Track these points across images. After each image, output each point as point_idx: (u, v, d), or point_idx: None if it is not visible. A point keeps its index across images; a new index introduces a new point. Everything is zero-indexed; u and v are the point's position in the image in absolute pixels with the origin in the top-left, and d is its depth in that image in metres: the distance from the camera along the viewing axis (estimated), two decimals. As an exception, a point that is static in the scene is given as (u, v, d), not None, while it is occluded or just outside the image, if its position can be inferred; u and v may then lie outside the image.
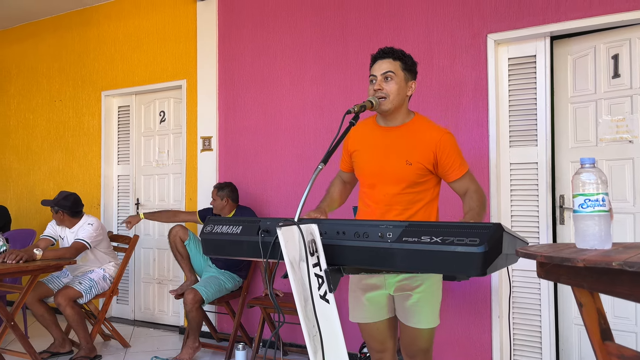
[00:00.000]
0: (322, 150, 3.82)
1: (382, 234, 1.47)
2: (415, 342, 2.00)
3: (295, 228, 1.45)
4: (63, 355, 3.74)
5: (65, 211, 3.78)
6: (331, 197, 2.21)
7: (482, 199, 1.94)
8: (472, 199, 1.92)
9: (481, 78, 3.28)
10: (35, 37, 5.45)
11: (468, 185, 1.99)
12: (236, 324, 3.78)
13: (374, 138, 2.05)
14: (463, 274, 1.34)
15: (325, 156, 1.67)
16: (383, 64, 1.97)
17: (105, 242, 3.96)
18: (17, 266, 3.04)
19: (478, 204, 1.90)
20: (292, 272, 1.43)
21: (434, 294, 1.99)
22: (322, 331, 1.46)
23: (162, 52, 4.61)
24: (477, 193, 1.95)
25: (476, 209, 1.87)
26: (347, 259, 1.52)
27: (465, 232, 1.35)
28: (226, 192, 3.73)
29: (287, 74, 3.99)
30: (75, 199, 3.86)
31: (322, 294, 1.49)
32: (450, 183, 2.01)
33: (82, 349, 3.62)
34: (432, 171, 1.98)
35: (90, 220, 3.86)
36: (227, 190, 3.73)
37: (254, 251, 1.65)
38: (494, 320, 3.19)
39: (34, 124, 5.45)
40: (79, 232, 3.78)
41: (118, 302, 4.90)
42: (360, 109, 1.84)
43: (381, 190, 2.00)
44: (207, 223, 1.80)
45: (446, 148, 1.95)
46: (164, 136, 4.75)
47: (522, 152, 3.22)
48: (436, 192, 2.06)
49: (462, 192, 2.00)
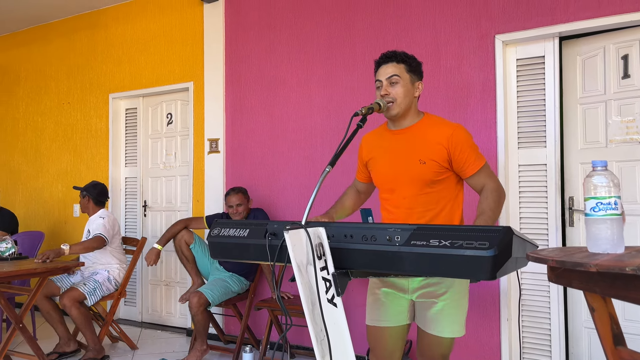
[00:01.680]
0: (329, 152, 3.81)
1: (390, 237, 1.45)
2: (435, 350, 1.96)
3: (303, 231, 1.44)
4: (69, 355, 3.75)
5: (90, 197, 3.94)
6: (342, 204, 2.20)
7: (497, 199, 1.87)
8: (486, 200, 1.87)
9: (489, 79, 3.26)
10: (43, 40, 5.49)
11: (485, 181, 1.93)
12: (243, 327, 3.78)
13: (386, 143, 2.04)
14: (472, 278, 1.33)
15: (333, 159, 1.67)
16: (387, 68, 1.96)
17: (117, 240, 3.99)
18: (26, 268, 3.05)
19: (492, 206, 1.84)
20: (300, 276, 1.42)
21: (461, 302, 1.96)
22: (329, 335, 1.44)
23: (169, 55, 4.63)
24: (493, 192, 1.89)
25: (488, 213, 1.82)
26: (355, 262, 1.51)
27: (475, 235, 1.34)
28: (248, 196, 3.78)
29: (293, 75, 3.99)
30: (103, 189, 4.04)
31: (330, 298, 1.48)
32: (467, 179, 1.97)
33: (90, 350, 3.62)
34: (448, 168, 1.94)
35: (102, 213, 3.94)
36: (248, 195, 3.79)
37: (261, 254, 1.65)
38: (503, 323, 3.16)
39: (42, 126, 5.48)
40: (92, 225, 3.85)
41: (126, 304, 4.91)
42: (368, 111, 1.83)
43: (400, 193, 1.98)
44: (215, 226, 1.80)
45: (459, 143, 1.91)
46: (171, 138, 4.76)
47: (531, 154, 3.19)
48: (458, 191, 2.01)
49: (479, 189, 1.95)
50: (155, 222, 4.82)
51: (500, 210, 1.90)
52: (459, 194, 2.03)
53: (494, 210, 1.85)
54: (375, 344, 2.05)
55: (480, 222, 1.82)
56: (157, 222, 4.81)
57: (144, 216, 4.88)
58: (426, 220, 1.95)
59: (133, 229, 4.94)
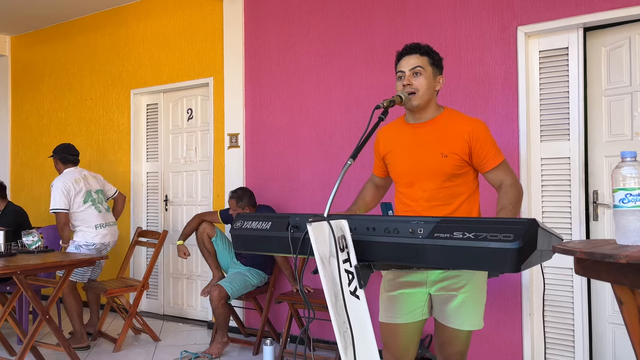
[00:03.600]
0: (348, 147, 3.81)
1: (412, 229, 1.45)
2: (454, 343, 1.96)
3: (325, 224, 1.44)
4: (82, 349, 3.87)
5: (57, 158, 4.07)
6: (363, 199, 2.20)
7: (517, 194, 1.88)
8: (506, 195, 1.87)
9: (511, 72, 3.22)
10: (66, 38, 5.57)
11: (503, 177, 1.93)
12: (263, 320, 3.81)
13: (405, 136, 2.03)
14: (496, 270, 1.32)
15: (355, 152, 1.66)
16: (411, 59, 1.95)
17: (78, 200, 3.90)
18: (52, 261, 3.12)
19: (512, 200, 1.84)
20: (323, 268, 1.43)
21: (480, 295, 1.95)
22: (352, 327, 1.45)
23: (189, 50, 4.66)
24: (512, 188, 1.90)
25: (509, 208, 1.81)
26: (378, 255, 1.51)
27: (499, 227, 1.33)
28: (246, 201, 3.70)
29: (312, 70, 3.99)
30: (66, 146, 4.10)
31: (353, 290, 1.49)
32: (485, 174, 1.97)
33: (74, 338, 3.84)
34: (468, 162, 1.95)
35: (54, 182, 3.93)
36: (246, 199, 3.70)
37: (283, 247, 1.65)
38: (525, 318, 3.13)
39: (66, 122, 5.58)
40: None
41: (148, 297, 4.98)
42: (390, 104, 1.82)
43: (420, 187, 1.97)
44: (237, 219, 1.81)
45: (480, 137, 1.91)
46: (191, 133, 4.80)
47: (554, 147, 3.14)
48: (476, 185, 2.02)
49: (497, 184, 1.95)
50: (176, 217, 4.88)
51: (520, 205, 1.90)
52: (476, 189, 2.03)
53: (515, 206, 1.85)
54: (389, 341, 2.02)
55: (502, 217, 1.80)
56: (178, 216, 4.87)
57: (165, 210, 4.94)
58: (445, 214, 1.94)
59: (154, 223, 5.01)
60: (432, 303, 2.00)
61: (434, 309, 2.00)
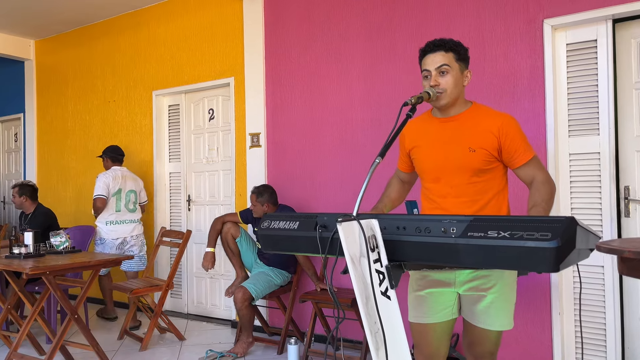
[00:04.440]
0: (370, 145, 3.78)
1: (445, 229, 1.42)
2: (484, 343, 1.93)
3: (355, 223, 1.42)
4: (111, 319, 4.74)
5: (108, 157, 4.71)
6: (389, 197, 2.17)
7: (549, 191, 1.83)
8: (538, 192, 1.83)
9: (537, 66, 3.15)
10: (89, 41, 5.65)
11: (534, 173, 1.89)
12: (287, 319, 3.81)
13: (432, 131, 1.99)
14: (534, 270, 1.28)
15: (383, 149, 1.64)
16: (436, 57, 1.91)
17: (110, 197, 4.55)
18: (80, 261, 3.16)
19: (545, 197, 1.80)
20: (353, 268, 1.41)
21: (509, 295, 1.92)
22: (384, 328, 1.43)
23: (210, 51, 4.68)
24: (544, 184, 1.85)
25: (542, 205, 1.76)
26: (409, 254, 1.48)
27: (536, 226, 1.29)
28: (266, 197, 3.68)
29: (333, 68, 3.97)
30: (115, 147, 4.77)
31: (383, 291, 1.47)
32: (516, 170, 1.92)
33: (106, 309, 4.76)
34: (497, 158, 1.90)
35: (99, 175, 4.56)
36: (266, 195, 3.68)
37: (311, 246, 1.64)
38: (554, 317, 3.07)
39: (90, 124, 5.65)
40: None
41: (172, 296, 5.02)
42: (418, 101, 1.79)
43: (447, 182, 1.94)
44: (264, 219, 1.80)
45: (510, 132, 1.87)
46: (213, 133, 4.82)
47: (583, 142, 3.07)
48: (505, 181, 1.97)
49: (528, 181, 1.90)
50: (199, 216, 4.91)
51: (553, 202, 1.84)
52: (505, 186, 1.99)
53: (548, 202, 1.80)
54: (420, 341, 2.00)
55: (534, 214, 1.76)
56: (201, 216, 4.90)
57: (188, 210, 4.97)
58: (473, 211, 1.90)
59: (178, 223, 5.05)
60: (461, 303, 1.96)
61: (463, 309, 1.97)
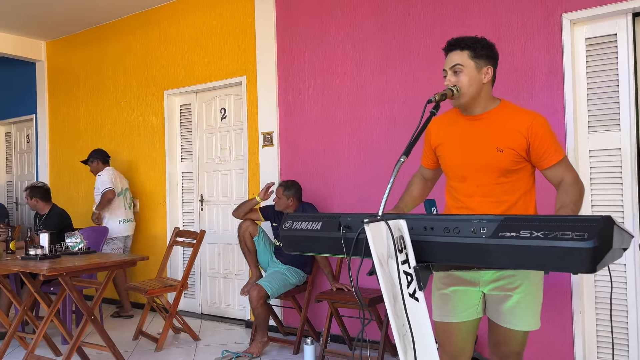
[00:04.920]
0: (384, 143, 3.74)
1: (475, 229, 1.39)
2: (510, 343, 1.90)
3: (383, 224, 1.39)
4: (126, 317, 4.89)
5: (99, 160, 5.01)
6: (410, 194, 2.12)
7: (578, 192, 1.79)
8: (566, 193, 1.78)
9: (556, 61, 3.10)
10: (100, 41, 5.65)
11: (563, 174, 1.85)
12: (302, 319, 3.79)
13: (459, 128, 1.96)
14: (569, 271, 1.25)
15: (407, 148, 1.60)
16: (452, 56, 1.89)
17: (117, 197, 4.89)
18: (96, 262, 3.16)
19: (574, 199, 1.75)
20: (381, 270, 1.38)
21: (536, 295, 1.88)
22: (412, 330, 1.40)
23: (222, 50, 4.66)
24: (573, 186, 1.81)
25: (570, 206, 1.72)
26: (437, 255, 1.45)
27: (571, 225, 1.25)
28: (293, 192, 3.71)
29: (346, 65, 3.93)
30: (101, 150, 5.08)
31: (412, 292, 1.43)
32: (544, 171, 1.88)
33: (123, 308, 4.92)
34: (525, 158, 1.86)
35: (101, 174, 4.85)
36: (293, 190, 3.71)
37: (335, 247, 1.61)
38: (576, 316, 3.02)
39: (101, 125, 5.66)
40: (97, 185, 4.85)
41: (185, 296, 5.01)
42: (442, 98, 1.76)
43: (473, 182, 1.91)
44: (286, 219, 1.78)
45: (539, 132, 1.83)
46: (225, 133, 4.81)
47: (603, 138, 3.02)
48: (532, 181, 1.94)
49: (556, 182, 1.86)
50: (212, 216, 4.90)
51: (581, 204, 1.80)
52: (533, 187, 1.95)
53: (576, 204, 1.76)
54: (444, 340, 1.98)
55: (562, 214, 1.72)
56: (213, 215, 4.88)
57: (201, 210, 4.96)
58: (500, 211, 1.87)
59: (191, 222, 5.04)
60: (486, 302, 1.93)
61: (488, 309, 1.94)
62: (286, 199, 3.69)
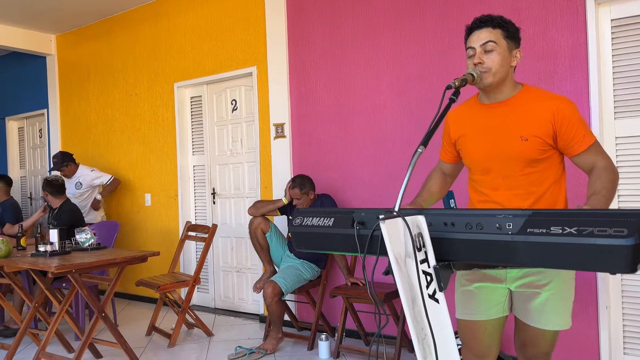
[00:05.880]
0: (400, 133, 3.63)
1: (500, 225, 1.28)
2: (539, 344, 1.79)
3: (400, 220, 1.29)
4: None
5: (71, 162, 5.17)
6: (429, 190, 2.00)
7: (612, 178, 1.66)
8: (599, 179, 1.65)
9: (579, 44, 2.95)
10: (109, 34, 5.58)
11: (595, 159, 1.72)
12: (317, 314, 3.71)
13: (479, 118, 1.83)
14: (606, 270, 1.13)
15: (425, 138, 1.50)
16: (482, 33, 1.75)
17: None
18: (106, 259, 3.10)
19: (607, 185, 1.63)
20: (398, 270, 1.28)
21: (567, 293, 1.78)
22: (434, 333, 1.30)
23: (231, 40, 4.56)
24: (606, 171, 1.68)
25: (603, 193, 1.59)
26: (459, 254, 1.35)
27: (607, 220, 1.14)
28: (308, 186, 3.63)
29: (359, 53, 3.81)
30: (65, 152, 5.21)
31: (431, 293, 1.33)
32: (573, 157, 1.76)
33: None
34: (552, 145, 1.74)
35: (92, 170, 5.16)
36: (308, 184, 3.63)
37: (348, 245, 1.52)
38: (601, 311, 2.89)
39: (112, 118, 5.61)
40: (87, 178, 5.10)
41: (199, 290, 4.97)
42: (462, 83, 1.64)
43: (499, 173, 1.79)
44: (297, 215, 1.68)
45: (566, 117, 1.70)
46: (236, 125, 4.72)
47: (631, 124, 2.87)
48: (562, 169, 1.81)
49: (588, 168, 1.74)
50: (224, 209, 4.83)
51: (615, 191, 1.68)
52: (562, 175, 1.82)
53: (610, 191, 1.63)
54: (469, 339, 1.88)
55: (594, 203, 1.59)
56: (226, 209, 4.82)
57: (213, 203, 4.90)
58: (529, 203, 1.75)
59: (203, 216, 4.98)
60: (513, 300, 1.82)
61: (515, 307, 1.83)
62: (307, 196, 3.61)
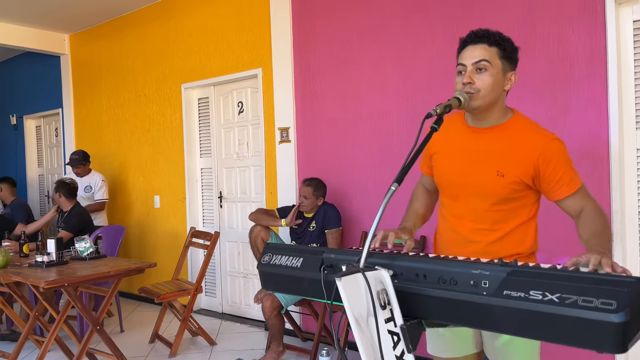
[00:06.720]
0: (405, 138, 3.45)
1: (475, 281, 1.12)
2: None
3: (360, 276, 1.15)
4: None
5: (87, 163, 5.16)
6: (415, 213, 1.84)
7: (606, 222, 1.50)
8: (592, 222, 1.48)
9: (598, 48, 2.72)
10: (119, 33, 5.53)
11: (583, 203, 1.55)
12: (319, 326, 3.59)
13: (459, 139, 1.66)
14: (591, 348, 0.97)
15: (400, 174, 1.36)
16: (475, 50, 1.55)
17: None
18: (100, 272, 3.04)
19: (603, 228, 1.45)
20: (359, 331, 1.14)
21: None
22: (399, 403, 1.16)
23: (237, 40, 4.44)
24: (599, 214, 1.50)
25: (604, 237, 1.41)
26: (429, 311, 1.20)
27: (594, 288, 0.97)
28: (322, 192, 3.55)
29: (365, 56, 3.64)
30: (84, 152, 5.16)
31: (399, 355, 1.19)
32: (558, 201, 1.58)
33: None
34: (530, 186, 1.57)
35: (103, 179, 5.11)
36: (323, 190, 3.55)
37: (316, 290, 1.38)
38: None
39: (123, 119, 5.57)
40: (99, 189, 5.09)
41: (207, 294, 4.92)
42: (445, 110, 1.45)
43: (465, 203, 1.64)
44: (266, 251, 1.55)
45: (553, 158, 1.52)
46: (243, 127, 4.61)
47: (653, 136, 2.64)
48: (535, 210, 1.64)
49: (575, 213, 1.56)
50: (231, 213, 4.74)
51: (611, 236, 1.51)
52: (535, 215, 1.66)
53: (609, 234, 1.46)
54: None
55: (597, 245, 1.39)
56: (232, 212, 4.73)
57: (220, 207, 4.82)
58: (491, 240, 1.62)
59: (210, 220, 4.90)
60: (482, 337, 1.71)
61: (484, 344, 1.72)
62: (315, 199, 3.53)
